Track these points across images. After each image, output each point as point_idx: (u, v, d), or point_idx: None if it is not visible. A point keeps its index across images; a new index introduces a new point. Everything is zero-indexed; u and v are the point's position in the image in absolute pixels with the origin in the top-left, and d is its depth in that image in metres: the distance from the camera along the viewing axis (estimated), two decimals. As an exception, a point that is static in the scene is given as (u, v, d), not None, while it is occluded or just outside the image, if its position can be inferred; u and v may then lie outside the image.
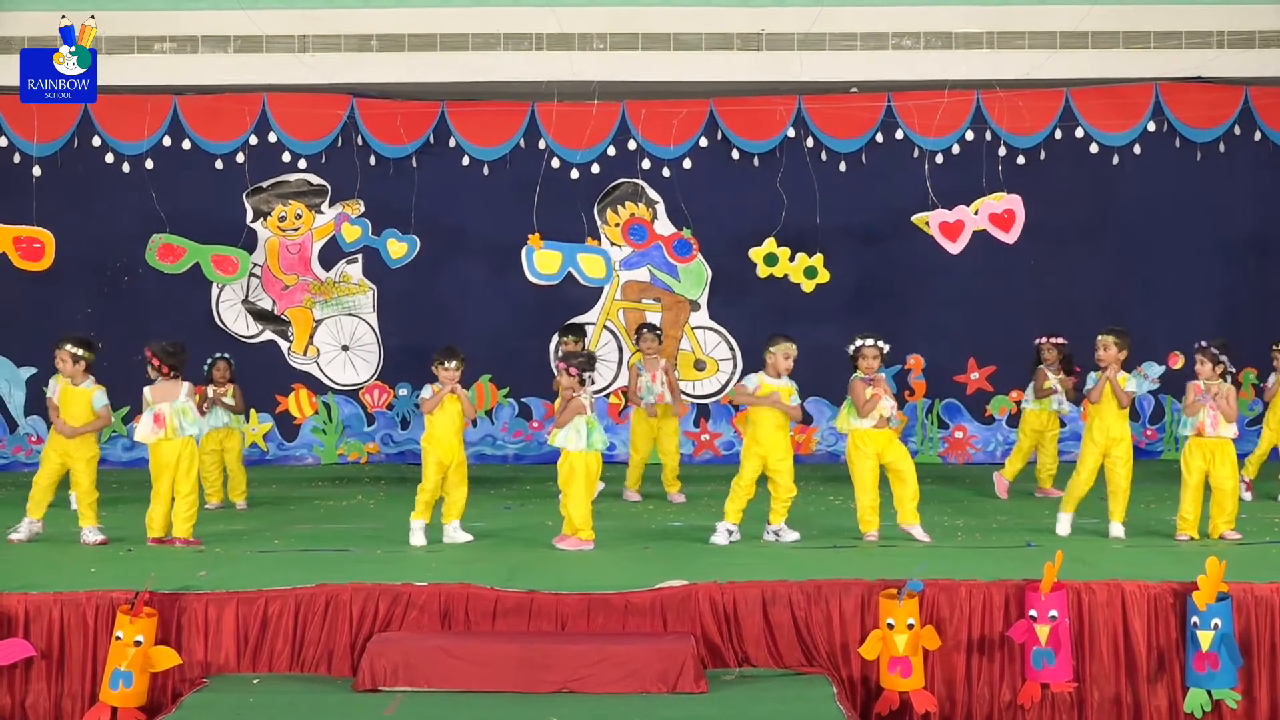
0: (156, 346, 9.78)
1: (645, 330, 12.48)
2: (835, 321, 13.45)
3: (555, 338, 14.42)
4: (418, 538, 9.60)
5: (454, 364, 9.72)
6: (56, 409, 9.86)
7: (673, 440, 12.21)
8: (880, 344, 9.76)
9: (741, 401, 9.60)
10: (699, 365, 14.99)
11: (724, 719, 6.95)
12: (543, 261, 13.81)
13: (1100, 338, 9.96)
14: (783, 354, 9.65)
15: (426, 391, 9.83)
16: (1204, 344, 9.81)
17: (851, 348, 9.80)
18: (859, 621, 7.81)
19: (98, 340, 10.18)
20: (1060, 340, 12.07)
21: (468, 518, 9.82)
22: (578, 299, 14.72)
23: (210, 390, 11.76)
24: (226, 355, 12.11)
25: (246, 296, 15.01)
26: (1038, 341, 12.15)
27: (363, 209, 14.78)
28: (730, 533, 9.58)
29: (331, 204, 14.96)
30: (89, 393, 9.80)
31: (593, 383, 9.96)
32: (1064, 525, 9.89)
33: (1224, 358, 9.73)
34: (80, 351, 9.80)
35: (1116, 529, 9.73)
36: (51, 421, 9.96)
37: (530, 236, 13.79)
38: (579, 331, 13.41)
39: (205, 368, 11.81)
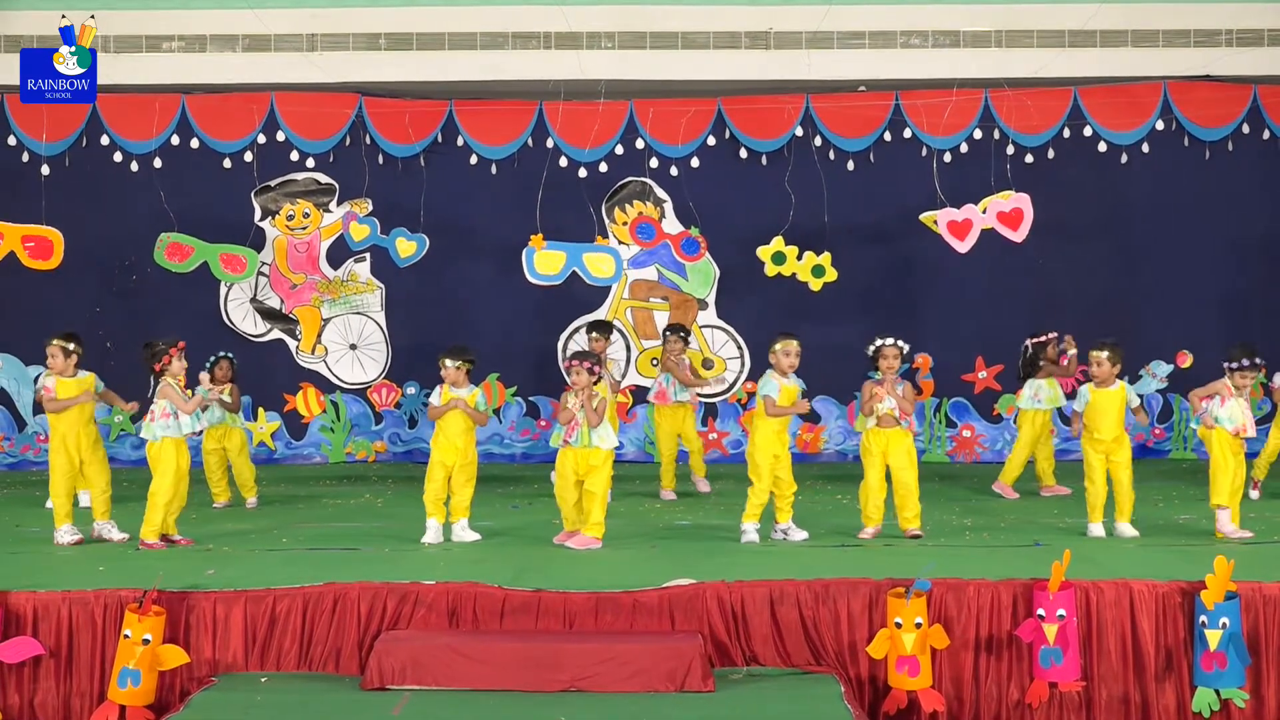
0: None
1: (674, 334, 12.54)
2: (843, 320, 13.45)
3: (565, 335, 14.38)
4: (431, 535, 9.63)
5: (453, 363, 9.76)
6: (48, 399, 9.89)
7: (693, 429, 12.52)
8: (900, 344, 9.79)
9: (775, 414, 9.57)
10: (707, 364, 14.95)
11: (732, 718, 6.96)
12: (544, 262, 13.50)
13: (1093, 353, 9.93)
14: (783, 351, 9.65)
15: (434, 397, 9.84)
16: (1260, 359, 9.68)
17: (871, 348, 9.83)
18: (867, 620, 7.82)
19: (106, 339, 10.20)
20: (1051, 336, 12.04)
21: (475, 516, 9.84)
22: (586, 298, 14.69)
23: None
24: (230, 355, 12.09)
25: (254, 295, 15.01)
26: (1055, 344, 12.01)
27: (371, 208, 14.76)
28: (757, 530, 9.59)
29: (340, 203, 14.96)
30: (88, 380, 9.88)
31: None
32: (1098, 530, 9.80)
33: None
34: (71, 346, 9.89)
35: (1126, 529, 9.71)
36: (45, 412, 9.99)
37: (533, 237, 13.64)
38: (606, 329, 13.05)
39: (208, 365, 11.80)
